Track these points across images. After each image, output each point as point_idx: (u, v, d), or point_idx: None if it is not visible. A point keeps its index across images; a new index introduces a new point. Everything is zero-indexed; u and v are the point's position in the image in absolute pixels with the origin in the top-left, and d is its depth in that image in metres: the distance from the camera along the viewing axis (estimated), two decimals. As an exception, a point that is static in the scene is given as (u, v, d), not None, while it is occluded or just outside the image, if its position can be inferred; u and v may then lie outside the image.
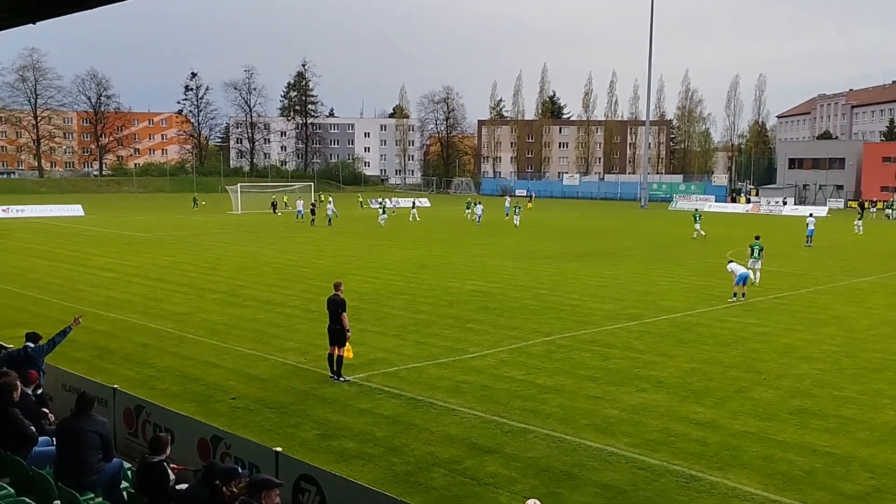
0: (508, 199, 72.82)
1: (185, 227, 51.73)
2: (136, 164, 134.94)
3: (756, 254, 27.52)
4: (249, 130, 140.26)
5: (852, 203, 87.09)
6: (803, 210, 73.02)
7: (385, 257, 35.34)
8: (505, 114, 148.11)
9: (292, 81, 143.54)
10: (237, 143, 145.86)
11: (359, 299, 22.62)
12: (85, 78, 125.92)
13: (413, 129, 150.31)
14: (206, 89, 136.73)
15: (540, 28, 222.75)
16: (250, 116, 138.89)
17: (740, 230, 51.84)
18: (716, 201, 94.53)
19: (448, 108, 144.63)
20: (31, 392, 10.19)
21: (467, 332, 19.48)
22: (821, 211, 73.56)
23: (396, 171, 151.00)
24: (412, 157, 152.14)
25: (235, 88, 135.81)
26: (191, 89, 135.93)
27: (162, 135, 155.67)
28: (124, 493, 8.51)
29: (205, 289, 25.78)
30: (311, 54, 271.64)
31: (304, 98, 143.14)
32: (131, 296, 24.32)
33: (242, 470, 7.73)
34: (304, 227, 53.15)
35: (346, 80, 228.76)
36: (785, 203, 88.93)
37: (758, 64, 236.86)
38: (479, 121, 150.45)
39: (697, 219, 48.03)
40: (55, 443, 8.93)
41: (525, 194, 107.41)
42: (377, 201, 69.52)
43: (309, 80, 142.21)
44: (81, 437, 8.47)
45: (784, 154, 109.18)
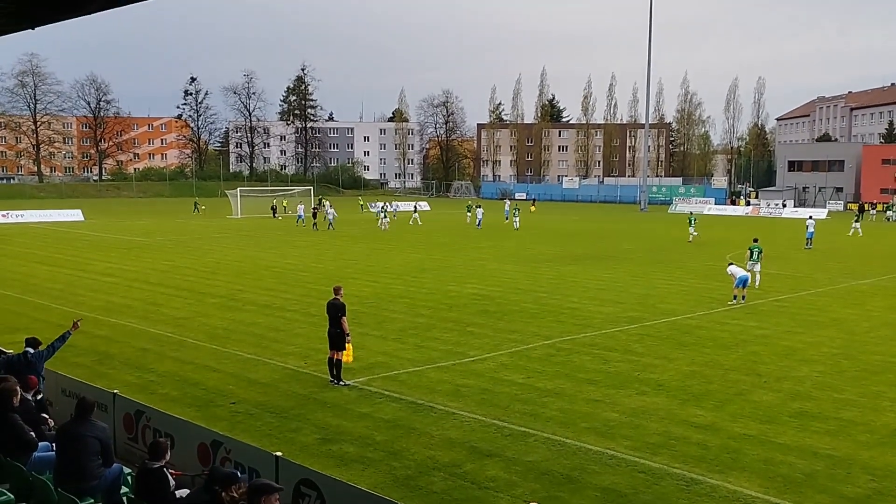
0: (508, 202, 72.86)
1: (184, 231, 51.75)
2: (135, 169, 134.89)
3: (755, 256, 27.55)
4: (249, 135, 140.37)
5: (852, 205, 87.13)
6: (803, 212, 73.14)
7: (385, 261, 35.34)
8: (504, 117, 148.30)
9: (292, 86, 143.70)
10: (237, 147, 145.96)
11: (359, 303, 22.62)
12: (84, 83, 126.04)
13: (412, 133, 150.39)
14: (206, 94, 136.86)
15: (539, 31, 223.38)
16: (250, 121, 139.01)
17: (740, 233, 51.84)
18: (715, 204, 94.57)
19: (447, 111, 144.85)
20: (30, 397, 10.19)
21: (467, 335, 19.48)
22: (820, 213, 73.55)
23: (396, 174, 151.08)
24: (412, 160, 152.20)
25: (235, 93, 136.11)
26: (190, 94, 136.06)
27: (161, 139, 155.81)
28: (124, 498, 8.50)
29: (204, 293, 25.78)
30: (311, 59, 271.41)
31: (303, 102, 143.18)
32: (131, 300, 24.33)
33: (242, 475, 7.72)
34: (304, 231, 53.17)
35: (345, 84, 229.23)
36: (784, 205, 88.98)
37: (757, 66, 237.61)
38: (478, 124, 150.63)
39: (692, 222, 48.23)
40: (55, 448, 8.92)
41: (525, 198, 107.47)
42: (376, 205, 69.38)
43: (308, 85, 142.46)
44: (81, 443, 8.47)
45: (783, 156, 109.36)
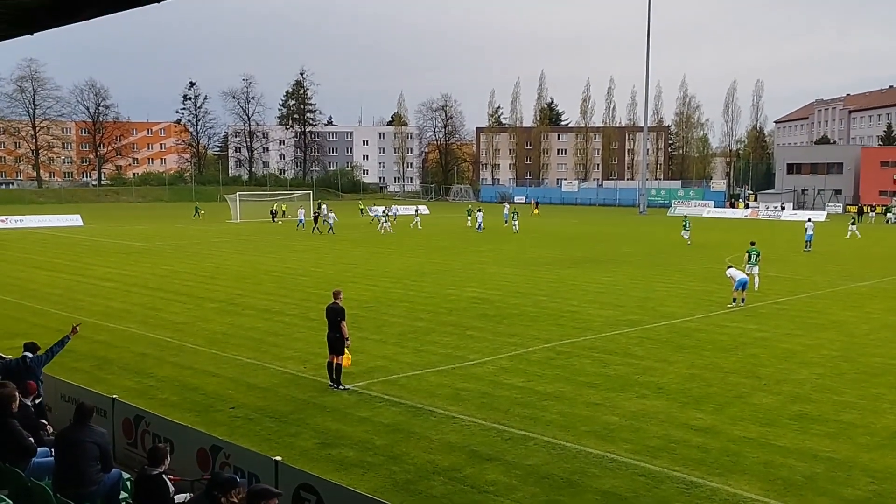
0: (507, 205, 72.92)
1: (183, 236, 51.73)
2: (134, 174, 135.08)
3: (753, 259, 27.59)
4: (248, 139, 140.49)
5: (851, 208, 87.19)
6: (802, 215, 73.15)
7: (384, 265, 35.33)
8: (503, 121, 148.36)
9: (290, 90, 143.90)
10: (236, 151, 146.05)
11: (358, 307, 22.60)
12: (83, 88, 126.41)
13: (411, 137, 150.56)
14: (205, 98, 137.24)
15: (537, 35, 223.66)
16: (249, 125, 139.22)
17: (739, 236, 51.83)
18: (714, 207, 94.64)
19: (446, 115, 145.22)
20: (29, 403, 10.18)
21: (467, 339, 19.46)
22: (819, 216, 73.59)
23: (395, 178, 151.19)
24: (411, 164, 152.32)
25: (234, 97, 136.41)
26: (189, 98, 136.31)
27: (160, 144, 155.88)
28: (123, 503, 8.49)
29: (204, 298, 25.77)
30: (310, 63, 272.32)
31: (302, 106, 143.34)
32: (130, 305, 24.31)
33: (241, 479, 7.71)
34: (303, 235, 53.16)
35: (344, 88, 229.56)
36: (783, 208, 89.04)
37: (755, 69, 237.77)
38: (477, 128, 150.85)
39: (687, 226, 48.45)
40: (54, 454, 8.91)
41: (524, 201, 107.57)
42: (376, 209, 69.31)
43: (307, 89, 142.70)
44: (80, 448, 8.46)
45: (782, 159, 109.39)
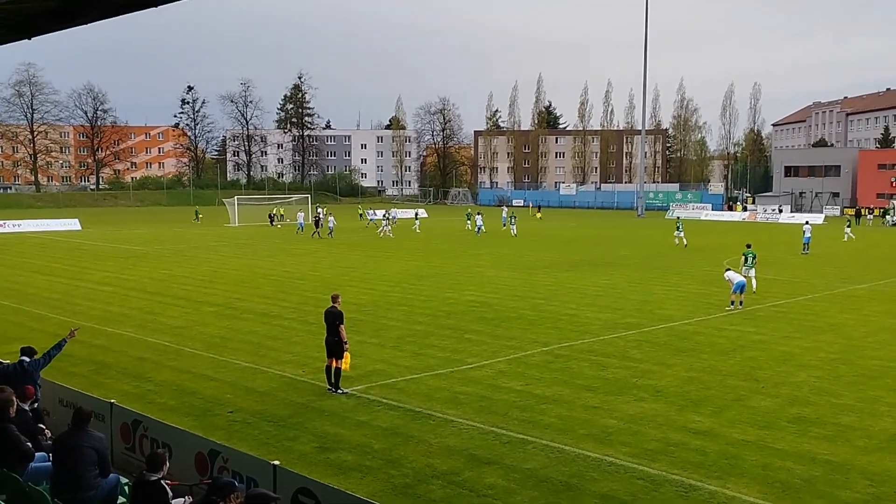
0: (505, 209, 73.01)
1: (182, 240, 51.69)
2: (132, 178, 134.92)
3: (749, 261, 27.67)
4: (246, 143, 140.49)
5: (849, 210, 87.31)
6: (800, 218, 73.15)
7: (382, 268, 35.33)
8: (501, 124, 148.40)
9: (289, 94, 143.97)
10: (234, 155, 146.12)
11: (356, 311, 22.61)
12: (81, 92, 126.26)
13: (410, 141, 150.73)
14: (203, 102, 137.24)
15: (535, 38, 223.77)
16: (247, 129, 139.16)
17: (737, 238, 51.84)
18: (712, 210, 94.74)
19: (444, 119, 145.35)
20: (27, 407, 10.17)
21: (465, 342, 19.46)
22: (817, 218, 73.67)
23: (393, 182, 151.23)
24: (409, 168, 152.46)
25: (232, 101, 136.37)
26: (187, 102, 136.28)
27: (159, 148, 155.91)
28: (121, 508, 8.49)
29: (202, 302, 25.75)
30: (308, 67, 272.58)
31: (300, 110, 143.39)
32: (128, 310, 24.29)
33: (239, 484, 7.70)
34: (301, 239, 53.13)
35: (342, 92, 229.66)
36: (781, 211, 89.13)
37: (753, 72, 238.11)
38: (475, 131, 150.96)
39: (680, 227, 48.77)
40: (52, 458, 8.89)
41: (522, 204, 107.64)
42: (375, 213, 69.36)
43: (305, 93, 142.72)
44: (78, 453, 8.45)
45: (780, 162, 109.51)
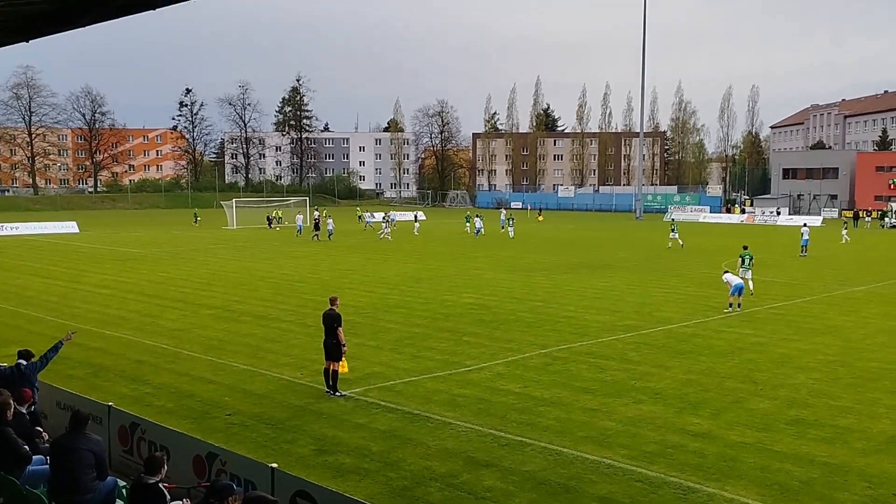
0: (504, 211, 73.12)
1: (180, 243, 51.66)
2: (130, 181, 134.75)
3: (746, 263, 27.70)
4: (244, 146, 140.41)
5: (846, 213, 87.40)
6: (798, 220, 73.26)
7: (381, 271, 35.32)
8: (499, 127, 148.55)
9: (287, 96, 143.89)
10: (232, 158, 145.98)
11: (355, 313, 22.61)
12: (79, 95, 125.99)
13: (408, 143, 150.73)
14: (201, 105, 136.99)
15: (533, 41, 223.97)
16: (245, 132, 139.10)
17: (735, 241, 51.85)
18: (711, 212, 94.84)
19: (442, 121, 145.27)
20: (24, 410, 10.15)
21: (463, 345, 19.45)
22: (815, 221, 73.75)
23: (391, 184, 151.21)
24: (407, 170, 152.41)
25: (230, 104, 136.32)
26: (185, 105, 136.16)
27: (157, 151, 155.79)
28: (119, 511, 8.48)
29: (200, 304, 25.73)
30: (306, 69, 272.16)
31: (298, 113, 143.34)
32: (126, 312, 24.27)
33: (238, 487, 7.68)
34: (300, 241, 53.11)
35: (340, 94, 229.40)
36: (779, 213, 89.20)
37: (750, 75, 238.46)
38: (473, 134, 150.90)
39: (675, 228, 48.91)
40: (49, 461, 8.88)
41: (520, 206, 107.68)
42: (373, 215, 69.39)
43: (303, 95, 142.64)
44: (75, 456, 8.43)
45: (778, 164, 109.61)
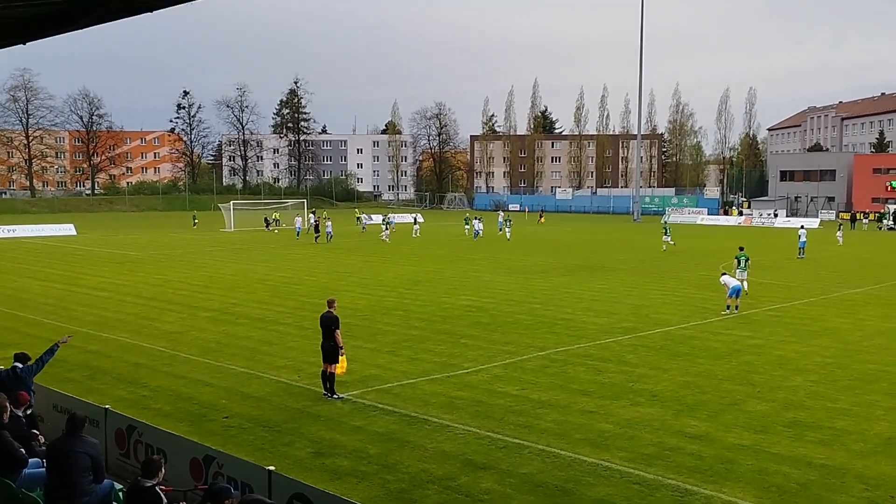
0: (501, 213, 73.16)
1: (177, 245, 51.60)
2: (128, 183, 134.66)
3: (742, 264, 27.78)
4: (242, 148, 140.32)
5: (844, 215, 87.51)
6: (795, 222, 73.29)
7: (378, 273, 35.31)
8: (497, 129, 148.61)
9: (285, 99, 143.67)
10: (230, 160, 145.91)
11: (352, 316, 22.60)
12: (77, 97, 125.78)
13: (406, 145, 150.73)
14: (199, 108, 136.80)
15: (531, 43, 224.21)
16: (243, 134, 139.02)
17: (733, 243, 51.85)
18: (708, 214, 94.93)
19: (440, 123, 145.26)
20: (21, 413, 10.12)
21: (461, 347, 19.45)
22: (812, 223, 73.87)
23: (389, 186, 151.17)
24: (405, 172, 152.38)
25: (228, 106, 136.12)
26: (183, 108, 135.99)
27: (154, 153, 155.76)
28: (115, 514, 8.45)
29: (197, 307, 25.70)
30: (304, 72, 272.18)
31: (296, 115, 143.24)
32: (123, 315, 24.24)
33: (235, 490, 7.67)
34: (298, 243, 53.06)
35: (338, 97, 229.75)
36: (776, 215, 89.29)
37: (748, 77, 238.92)
38: (471, 136, 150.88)
39: (667, 231, 49.09)
40: (45, 464, 8.85)
41: (518, 209, 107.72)
42: (370, 218, 69.38)
43: (301, 98, 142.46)
44: (72, 459, 8.41)
45: (775, 166, 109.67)
